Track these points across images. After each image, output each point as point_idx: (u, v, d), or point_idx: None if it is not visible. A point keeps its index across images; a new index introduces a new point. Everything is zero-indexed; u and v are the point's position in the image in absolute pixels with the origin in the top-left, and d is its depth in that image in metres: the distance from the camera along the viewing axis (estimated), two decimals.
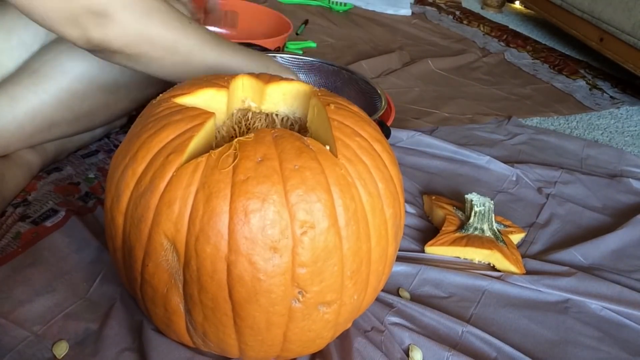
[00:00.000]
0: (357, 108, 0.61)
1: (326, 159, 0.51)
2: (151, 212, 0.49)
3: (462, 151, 1.12)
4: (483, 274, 0.80)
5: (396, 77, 1.49)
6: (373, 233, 0.53)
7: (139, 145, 0.52)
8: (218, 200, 0.47)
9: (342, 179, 0.50)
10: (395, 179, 0.57)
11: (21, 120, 0.73)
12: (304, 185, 0.48)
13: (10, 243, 0.69)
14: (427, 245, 0.83)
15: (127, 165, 0.52)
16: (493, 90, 1.55)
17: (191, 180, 0.48)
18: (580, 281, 0.81)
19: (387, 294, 0.72)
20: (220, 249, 0.47)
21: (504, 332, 0.71)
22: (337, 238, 0.50)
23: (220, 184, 0.48)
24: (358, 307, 0.56)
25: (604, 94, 1.67)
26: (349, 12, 1.98)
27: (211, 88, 0.59)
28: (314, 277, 0.49)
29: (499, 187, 1.05)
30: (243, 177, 0.48)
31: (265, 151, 0.49)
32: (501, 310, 0.75)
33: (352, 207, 0.50)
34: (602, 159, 1.25)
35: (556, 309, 0.77)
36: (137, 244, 0.51)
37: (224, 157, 0.49)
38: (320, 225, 0.49)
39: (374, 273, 0.55)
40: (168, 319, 0.54)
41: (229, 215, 0.47)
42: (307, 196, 0.48)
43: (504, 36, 2.02)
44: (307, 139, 0.52)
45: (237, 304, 0.49)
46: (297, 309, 0.50)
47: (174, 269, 0.50)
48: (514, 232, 0.88)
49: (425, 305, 0.72)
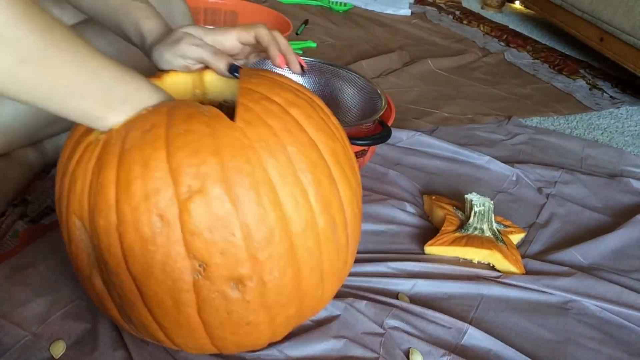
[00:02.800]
0: (290, 80, 0.57)
1: (219, 123, 0.48)
2: (65, 193, 0.50)
3: (462, 151, 1.12)
4: (482, 275, 0.80)
5: (396, 77, 1.49)
6: (284, 199, 0.48)
7: (72, 130, 0.53)
8: (107, 171, 0.46)
9: (236, 141, 0.47)
10: (321, 145, 0.52)
11: (24, 118, 0.73)
12: (187, 148, 0.45)
13: (8, 242, 0.69)
14: (427, 245, 0.82)
15: (62, 153, 0.53)
16: (493, 90, 1.55)
17: (91, 156, 0.48)
18: (580, 281, 0.80)
19: (386, 298, 0.72)
20: (111, 220, 0.46)
21: (504, 335, 0.70)
22: (230, 203, 0.46)
23: (109, 156, 0.47)
24: (295, 289, 0.51)
25: (604, 94, 1.67)
26: (349, 12, 1.98)
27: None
28: (210, 246, 0.46)
29: (499, 187, 1.05)
30: (129, 146, 0.46)
31: (156, 120, 0.47)
32: (501, 313, 0.74)
33: (247, 169, 0.46)
34: (602, 159, 1.24)
35: (556, 310, 0.77)
36: (63, 227, 0.51)
37: (120, 131, 0.48)
38: (207, 190, 0.45)
39: (301, 248, 0.50)
40: (102, 304, 0.53)
41: (115, 185, 0.46)
42: (190, 159, 0.45)
43: (504, 36, 2.02)
44: (205, 107, 0.49)
45: (136, 279, 0.47)
46: (202, 285, 0.47)
47: (89, 248, 0.49)
48: (513, 232, 0.88)
49: (425, 308, 0.72)
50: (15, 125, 0.73)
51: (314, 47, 1.59)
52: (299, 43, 1.57)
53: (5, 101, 0.72)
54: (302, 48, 1.56)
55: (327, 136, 0.53)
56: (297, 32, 1.65)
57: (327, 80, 1.04)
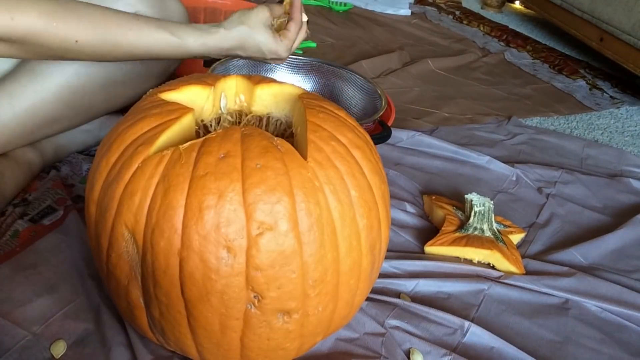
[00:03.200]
0: (344, 114, 0.59)
1: (293, 160, 0.49)
2: (115, 202, 0.49)
3: (462, 151, 1.12)
4: (483, 275, 0.80)
5: (396, 77, 1.49)
6: (342, 242, 0.50)
7: (116, 136, 0.52)
8: (175, 194, 0.46)
9: (308, 182, 0.48)
10: (375, 189, 0.54)
11: (22, 117, 0.73)
12: (263, 185, 0.47)
13: (8, 242, 0.69)
14: (427, 245, 0.82)
15: (102, 155, 0.52)
16: (493, 90, 1.55)
17: (154, 172, 0.48)
18: (580, 282, 0.80)
19: (388, 297, 0.72)
20: (174, 244, 0.46)
21: (504, 335, 0.70)
22: (297, 243, 0.47)
23: (179, 178, 0.47)
24: (328, 321, 0.54)
25: (604, 94, 1.67)
26: (349, 12, 1.98)
27: (197, 85, 0.59)
28: (270, 282, 0.47)
29: (499, 187, 1.05)
30: (202, 172, 0.47)
31: (230, 148, 0.48)
32: (502, 313, 0.74)
33: (317, 212, 0.48)
34: (602, 159, 1.24)
35: (557, 310, 0.77)
36: (103, 233, 0.51)
37: (188, 151, 0.48)
38: (279, 228, 0.47)
39: (344, 285, 0.52)
40: (131, 312, 0.53)
41: (184, 209, 0.46)
42: (266, 196, 0.46)
43: (504, 36, 2.02)
44: (277, 139, 0.50)
45: (189, 302, 0.48)
46: (252, 314, 0.48)
47: (134, 261, 0.49)
48: (513, 232, 0.88)
49: (426, 307, 0.72)
50: (13, 125, 0.73)
51: (314, 47, 1.59)
52: None
53: (2, 100, 0.72)
54: (302, 48, 1.56)
55: (380, 179, 0.56)
56: None
57: (327, 80, 1.04)
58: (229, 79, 0.62)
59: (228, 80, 0.62)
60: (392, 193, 0.95)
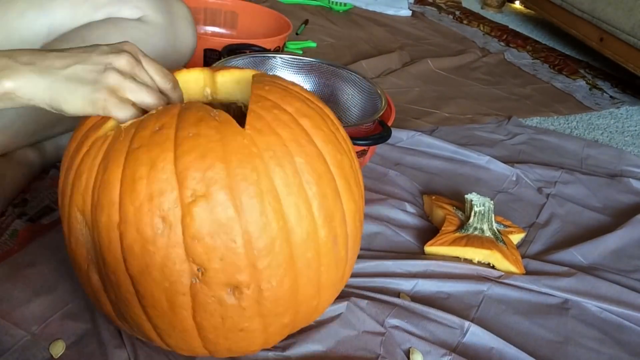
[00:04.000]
0: (300, 88, 0.57)
1: (228, 128, 0.48)
2: (69, 186, 0.50)
3: (462, 151, 1.12)
4: (483, 275, 0.80)
5: (396, 77, 1.49)
6: (288, 210, 0.48)
7: (79, 125, 0.54)
8: (112, 169, 0.46)
9: (244, 149, 0.47)
10: (328, 157, 0.52)
11: (25, 120, 0.73)
12: (195, 152, 0.46)
13: (7, 241, 0.69)
14: (427, 245, 0.82)
15: (69, 146, 0.53)
16: (493, 90, 1.55)
17: (98, 152, 0.48)
18: (580, 282, 0.80)
19: (388, 297, 0.72)
20: (113, 218, 0.46)
21: (504, 335, 0.70)
22: (234, 210, 0.46)
23: (117, 153, 0.47)
24: (291, 299, 0.51)
25: (604, 94, 1.67)
26: (349, 12, 1.98)
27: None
28: (210, 252, 0.46)
29: (499, 187, 1.05)
30: (137, 145, 0.47)
31: (166, 121, 0.48)
32: (502, 313, 0.74)
33: (253, 177, 0.46)
34: (602, 159, 1.24)
35: (556, 311, 0.77)
36: (64, 220, 0.51)
37: (129, 129, 0.48)
38: (213, 195, 0.45)
39: (300, 258, 0.50)
40: (97, 299, 0.53)
41: (120, 182, 0.46)
42: (197, 163, 0.45)
43: (504, 36, 2.02)
44: (216, 111, 0.49)
45: (134, 278, 0.47)
46: (199, 289, 0.47)
47: (88, 243, 0.49)
48: (513, 232, 0.88)
49: (426, 307, 0.71)
50: (15, 127, 0.73)
51: (314, 47, 1.59)
52: (298, 43, 1.57)
53: None
54: (302, 48, 1.56)
55: (335, 148, 0.53)
56: (297, 32, 1.65)
57: (328, 80, 1.04)
58: (192, 72, 0.62)
59: (192, 73, 0.62)
60: (392, 193, 0.95)
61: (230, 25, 1.37)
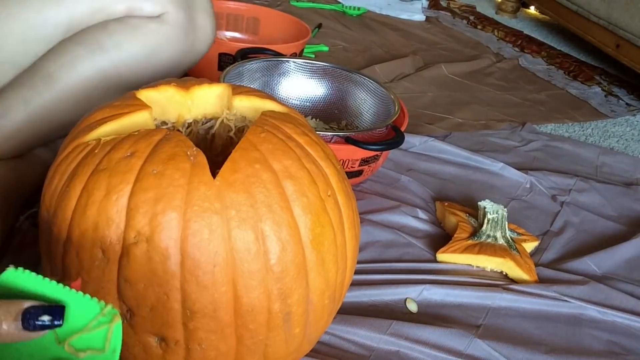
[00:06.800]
0: (306, 138, 0.52)
1: (198, 174, 0.44)
2: (46, 183, 0.49)
3: (476, 157, 1.11)
4: (494, 283, 0.79)
5: (409, 82, 1.48)
6: (238, 276, 0.44)
7: (79, 122, 0.53)
8: (75, 183, 0.45)
9: (205, 201, 0.43)
10: (304, 229, 0.47)
11: (37, 122, 0.73)
12: (152, 192, 0.42)
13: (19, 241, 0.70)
14: (439, 252, 0.82)
15: (65, 139, 0.52)
16: (507, 96, 1.54)
17: (75, 158, 0.47)
18: (593, 290, 0.80)
19: (394, 302, 0.71)
20: (62, 234, 0.45)
21: (514, 343, 0.70)
22: (177, 264, 0.42)
23: (84, 168, 0.45)
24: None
25: (620, 101, 1.65)
26: (362, 16, 1.98)
27: (175, 88, 0.57)
28: (140, 299, 0.43)
29: (513, 194, 1.04)
30: (102, 167, 0.44)
31: (140, 148, 0.45)
32: (511, 320, 0.74)
33: (204, 235, 0.43)
34: (617, 167, 1.23)
35: (568, 320, 0.76)
36: (39, 215, 0.50)
37: (107, 144, 0.46)
38: (156, 241, 0.42)
39: (240, 328, 0.45)
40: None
41: (77, 201, 0.44)
42: (150, 205, 0.42)
43: (518, 41, 2.00)
44: (196, 149, 0.46)
45: None
46: (126, 329, 0.43)
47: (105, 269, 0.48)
48: (527, 240, 0.87)
49: (433, 315, 0.71)
50: (27, 130, 0.73)
51: (326, 50, 1.59)
52: (311, 47, 1.57)
53: (18, 106, 0.72)
54: (315, 52, 1.56)
55: (318, 220, 0.48)
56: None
57: (341, 84, 1.04)
58: (216, 87, 0.59)
59: (216, 88, 0.59)
60: (404, 199, 0.95)
61: (252, 31, 1.37)
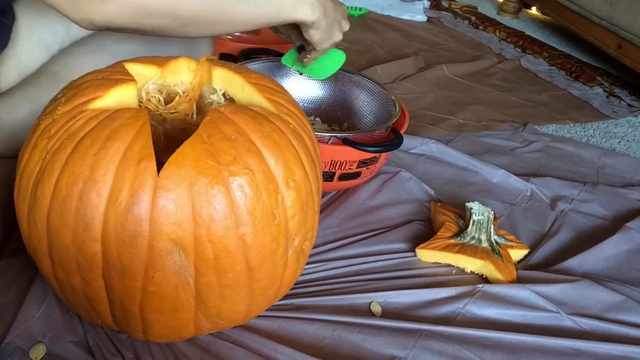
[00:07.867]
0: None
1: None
2: (146, 223, 0.47)
3: (476, 162, 1.10)
4: (469, 283, 0.78)
5: (411, 83, 1.48)
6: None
7: (90, 164, 0.48)
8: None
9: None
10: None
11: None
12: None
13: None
14: (418, 248, 0.82)
15: (83, 190, 0.48)
16: (509, 97, 1.54)
17: (179, 176, 0.49)
18: (572, 289, 0.79)
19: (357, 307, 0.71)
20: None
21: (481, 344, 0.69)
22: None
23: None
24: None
25: (622, 102, 1.65)
26: (364, 16, 1.98)
27: (118, 86, 0.56)
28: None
29: (512, 200, 1.03)
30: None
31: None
32: (483, 322, 0.73)
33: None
34: (619, 168, 1.22)
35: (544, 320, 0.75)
36: (134, 261, 0.49)
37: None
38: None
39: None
40: (176, 319, 0.53)
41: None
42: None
43: (520, 42, 2.00)
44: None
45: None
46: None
47: (182, 267, 0.49)
48: (515, 247, 0.85)
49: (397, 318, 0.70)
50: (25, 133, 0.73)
51: None
52: None
53: (23, 105, 0.72)
54: None
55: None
56: None
57: (342, 85, 1.03)
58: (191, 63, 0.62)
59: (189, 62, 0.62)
60: (402, 200, 0.95)
61: (254, 32, 1.36)
